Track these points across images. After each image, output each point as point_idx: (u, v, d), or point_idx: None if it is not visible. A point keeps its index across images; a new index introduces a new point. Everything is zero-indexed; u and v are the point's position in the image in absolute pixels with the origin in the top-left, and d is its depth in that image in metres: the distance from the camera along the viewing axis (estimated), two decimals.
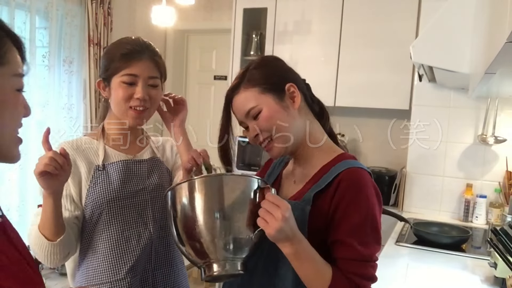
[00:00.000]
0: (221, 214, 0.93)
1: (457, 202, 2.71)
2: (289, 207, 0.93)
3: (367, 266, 1.00)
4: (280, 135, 1.07)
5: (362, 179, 1.03)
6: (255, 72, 1.10)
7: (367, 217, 1.01)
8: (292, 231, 0.94)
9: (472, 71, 1.79)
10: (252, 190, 0.96)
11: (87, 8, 3.19)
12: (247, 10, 3.42)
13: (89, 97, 3.27)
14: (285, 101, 1.08)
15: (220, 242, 0.93)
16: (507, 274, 1.56)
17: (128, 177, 1.31)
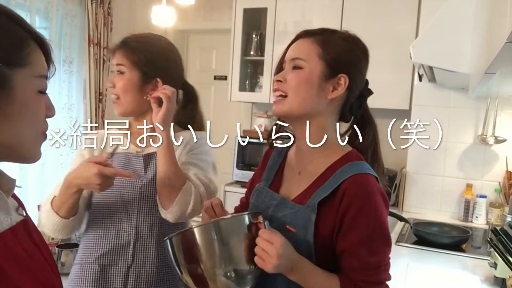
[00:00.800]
0: (221, 257, 0.94)
1: (457, 202, 2.71)
2: (283, 243, 0.92)
3: (378, 272, 0.99)
4: (293, 100, 1.01)
5: (368, 187, 0.99)
6: (336, 40, 1.04)
7: (376, 226, 0.98)
8: (291, 262, 0.94)
9: (472, 71, 1.79)
10: (245, 227, 0.96)
11: (87, 8, 3.19)
12: (247, 10, 3.42)
13: (89, 97, 3.27)
14: (327, 83, 1.01)
15: (224, 281, 0.95)
16: (507, 274, 1.56)
17: (125, 169, 1.31)
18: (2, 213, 0.67)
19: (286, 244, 0.93)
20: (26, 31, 0.67)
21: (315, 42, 1.02)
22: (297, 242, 0.98)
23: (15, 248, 0.65)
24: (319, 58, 1.01)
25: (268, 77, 3.33)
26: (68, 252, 1.85)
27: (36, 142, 0.70)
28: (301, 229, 0.99)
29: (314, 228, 0.98)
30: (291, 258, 0.94)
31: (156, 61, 1.31)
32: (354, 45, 1.07)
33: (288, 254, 0.93)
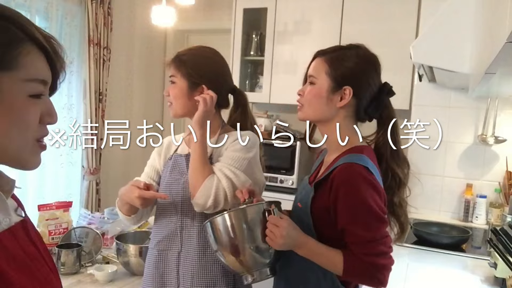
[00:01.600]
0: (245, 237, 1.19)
1: (457, 202, 2.72)
2: (286, 226, 1.14)
3: (374, 245, 1.13)
4: (308, 110, 1.25)
5: (352, 175, 1.15)
6: (340, 56, 1.23)
7: (359, 207, 1.14)
8: (296, 241, 1.16)
9: (472, 71, 1.79)
10: (261, 213, 1.20)
11: (87, 8, 3.19)
12: (247, 10, 3.42)
13: (89, 97, 3.27)
14: (334, 95, 1.22)
15: (248, 257, 1.21)
16: (507, 274, 1.56)
17: (173, 169, 1.54)
18: (1, 214, 0.66)
19: (290, 226, 1.15)
20: (23, 32, 0.65)
21: (325, 61, 1.24)
22: (301, 215, 1.24)
23: (14, 249, 0.65)
24: (326, 75, 1.23)
25: (268, 77, 3.33)
26: (68, 252, 1.85)
27: (29, 148, 0.67)
28: (304, 205, 1.24)
29: (311, 203, 1.22)
30: (296, 238, 1.16)
31: (201, 71, 1.50)
32: (360, 59, 1.25)
33: (293, 235, 1.15)
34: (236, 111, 1.59)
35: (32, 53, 0.66)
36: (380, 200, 1.17)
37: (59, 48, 0.71)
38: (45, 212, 2.08)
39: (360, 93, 1.22)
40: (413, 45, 1.92)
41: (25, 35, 0.65)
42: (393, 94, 1.29)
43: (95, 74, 3.28)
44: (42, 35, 0.68)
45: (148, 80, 4.06)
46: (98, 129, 3.35)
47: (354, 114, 1.26)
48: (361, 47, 1.27)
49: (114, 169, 3.70)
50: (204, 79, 1.48)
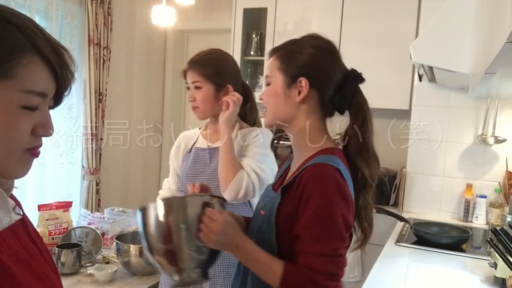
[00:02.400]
0: (177, 230, 1.06)
1: (457, 202, 2.71)
2: (223, 222, 1.04)
3: (324, 261, 1.00)
4: (270, 112, 1.16)
5: (322, 175, 1.04)
6: (292, 49, 1.15)
7: (321, 211, 1.01)
8: (231, 240, 1.05)
9: (472, 71, 1.79)
10: (200, 207, 1.07)
11: (87, 8, 3.19)
12: (247, 10, 3.42)
13: (89, 97, 3.26)
14: (290, 90, 1.12)
15: (178, 255, 1.07)
16: (507, 274, 1.56)
17: (195, 161, 1.64)
18: (2, 212, 0.67)
19: (228, 223, 1.05)
20: (28, 40, 0.63)
21: (277, 58, 1.15)
22: (264, 223, 1.11)
23: (15, 246, 0.65)
24: (279, 71, 1.14)
25: None
26: (68, 252, 1.85)
27: (14, 158, 0.65)
28: (268, 212, 1.12)
29: (277, 212, 1.09)
30: (232, 237, 1.05)
31: (224, 73, 1.61)
32: (312, 48, 1.15)
33: (229, 233, 1.05)
34: (246, 105, 1.68)
35: (33, 63, 0.63)
36: (348, 212, 1.05)
37: (69, 60, 0.68)
38: (45, 212, 2.07)
39: (318, 83, 1.12)
40: (413, 45, 1.92)
41: (30, 44, 0.63)
42: (362, 81, 1.17)
43: (95, 74, 3.28)
44: (52, 45, 0.65)
45: (148, 80, 4.06)
46: (98, 129, 3.36)
47: (319, 108, 1.14)
48: (314, 36, 1.18)
49: (114, 169, 3.70)
50: (228, 80, 1.60)
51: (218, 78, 1.60)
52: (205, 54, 1.64)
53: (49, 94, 0.67)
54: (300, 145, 1.16)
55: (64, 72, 0.67)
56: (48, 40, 0.66)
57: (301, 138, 1.15)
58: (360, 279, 2.84)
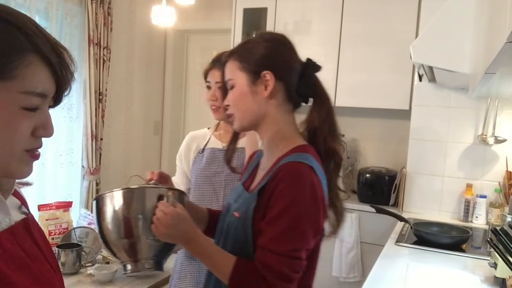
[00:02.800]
0: (132, 221, 1.07)
1: (457, 202, 2.71)
2: (175, 215, 1.03)
3: (279, 260, 0.99)
4: (239, 115, 1.13)
5: (295, 173, 1.03)
6: (249, 48, 1.13)
7: (288, 210, 1.00)
8: (183, 234, 1.05)
9: (472, 71, 1.79)
10: (155, 199, 1.08)
11: (87, 8, 3.19)
12: (247, 10, 3.42)
13: (89, 97, 3.27)
14: (256, 86, 1.11)
15: (131, 245, 1.08)
16: (507, 274, 1.56)
17: (212, 161, 1.65)
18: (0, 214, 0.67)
19: (180, 217, 1.04)
20: (29, 41, 0.62)
21: (234, 59, 1.14)
22: (239, 226, 1.08)
23: (13, 249, 0.65)
24: (241, 71, 1.12)
25: None
26: (68, 252, 1.84)
27: (15, 158, 0.65)
28: (243, 215, 1.08)
29: (253, 214, 1.06)
30: (184, 231, 1.05)
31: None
32: (267, 41, 1.14)
33: (181, 226, 1.04)
34: None
35: (33, 64, 0.63)
36: (318, 215, 1.03)
37: (69, 60, 0.67)
38: (45, 212, 2.08)
39: (282, 74, 1.11)
40: (413, 45, 1.92)
41: (30, 44, 0.63)
42: (319, 69, 1.17)
43: (95, 74, 3.28)
44: (52, 45, 0.65)
45: (148, 80, 4.06)
46: (98, 129, 3.36)
47: (286, 99, 1.13)
48: (266, 32, 1.19)
49: (114, 169, 3.70)
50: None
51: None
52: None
53: (49, 95, 0.66)
54: (271, 143, 1.15)
55: (64, 72, 0.67)
56: (48, 40, 0.65)
57: (272, 136, 1.14)
58: (360, 279, 2.84)
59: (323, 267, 2.96)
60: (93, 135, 3.32)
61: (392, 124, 3.30)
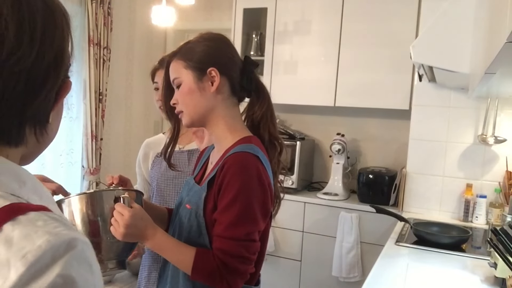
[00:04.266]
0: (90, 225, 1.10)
1: (457, 202, 2.71)
2: (131, 214, 1.07)
3: (235, 244, 1.06)
4: (189, 111, 1.18)
5: (242, 162, 1.09)
6: (191, 47, 1.19)
7: (239, 197, 1.06)
8: (141, 232, 1.09)
9: (472, 71, 1.79)
10: (112, 201, 1.12)
11: (87, 8, 3.19)
12: (247, 10, 3.42)
13: (89, 97, 3.27)
14: (203, 82, 1.16)
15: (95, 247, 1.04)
16: (507, 274, 1.56)
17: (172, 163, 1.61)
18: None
19: (136, 216, 1.08)
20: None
21: (178, 59, 1.19)
22: (191, 217, 1.15)
23: None
24: (186, 69, 1.17)
25: (268, 77, 3.33)
26: None
27: None
28: (194, 205, 1.15)
29: (204, 204, 1.13)
30: (141, 228, 1.09)
31: None
32: (207, 39, 1.20)
33: (138, 225, 1.08)
34: None
35: None
36: (266, 198, 1.11)
37: None
38: None
39: (226, 69, 1.18)
40: (413, 45, 1.92)
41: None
42: (256, 65, 1.25)
43: (95, 74, 3.28)
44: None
45: (148, 80, 4.04)
46: (98, 129, 3.36)
47: (231, 93, 1.20)
48: (204, 33, 1.23)
49: (114, 169, 3.70)
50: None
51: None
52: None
53: None
54: (219, 136, 1.20)
55: None
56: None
57: (220, 129, 1.19)
58: (360, 279, 2.84)
59: (323, 267, 2.96)
60: (93, 135, 3.33)
61: (392, 124, 3.30)
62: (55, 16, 0.60)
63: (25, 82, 0.56)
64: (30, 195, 0.56)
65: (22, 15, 0.55)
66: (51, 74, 0.59)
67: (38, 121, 0.60)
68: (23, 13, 0.55)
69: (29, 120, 0.59)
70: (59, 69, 0.60)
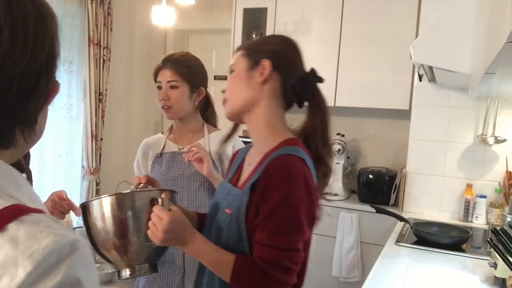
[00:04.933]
0: (124, 227, 1.05)
1: (457, 202, 2.71)
2: (171, 220, 1.02)
3: (278, 254, 1.00)
4: (231, 97, 1.14)
5: (288, 166, 1.03)
6: (257, 40, 1.21)
7: (284, 203, 1.00)
8: (180, 237, 1.04)
9: (472, 71, 1.79)
10: (148, 202, 1.06)
11: (87, 8, 3.19)
12: (247, 10, 3.42)
13: (89, 97, 3.27)
14: (253, 71, 1.13)
15: (125, 251, 1.06)
16: (507, 274, 1.56)
17: (172, 164, 1.63)
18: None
19: (176, 220, 1.03)
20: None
21: (241, 48, 1.18)
22: (232, 223, 1.08)
23: None
24: (242, 56, 1.16)
25: None
26: None
27: None
28: (235, 211, 1.08)
29: (247, 209, 1.06)
30: (180, 233, 1.04)
31: (197, 74, 1.65)
32: (279, 40, 1.18)
33: (176, 229, 1.03)
34: (207, 111, 1.75)
35: None
36: (312, 205, 1.05)
37: None
38: None
39: (281, 66, 1.13)
40: (413, 45, 1.92)
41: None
42: (322, 81, 1.18)
43: (95, 74, 3.28)
44: None
45: (148, 80, 4.05)
46: (98, 129, 3.36)
47: (280, 93, 1.14)
48: (279, 34, 1.21)
49: (114, 169, 3.70)
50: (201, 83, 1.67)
51: (193, 79, 1.63)
52: (180, 55, 1.67)
53: None
54: (259, 136, 1.15)
55: None
56: None
57: (261, 127, 1.14)
58: (360, 279, 2.84)
59: (323, 267, 2.96)
60: (93, 135, 3.32)
61: (392, 124, 3.30)
62: (46, 19, 0.60)
63: (19, 85, 0.56)
64: (26, 199, 0.57)
65: (15, 18, 0.55)
66: (43, 76, 0.60)
67: (27, 122, 0.60)
68: (16, 16, 0.55)
69: (20, 122, 0.59)
70: (50, 71, 0.61)
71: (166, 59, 1.65)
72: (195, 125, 1.71)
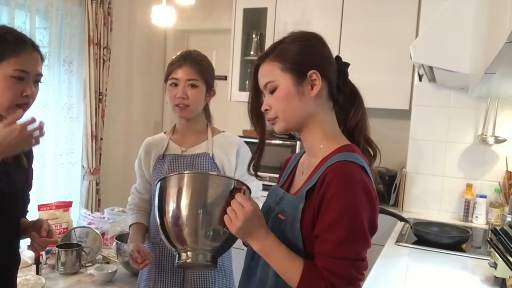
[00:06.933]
0: (199, 208, 1.02)
1: (457, 202, 2.71)
2: (253, 208, 1.00)
3: (346, 265, 0.97)
4: (286, 117, 1.08)
5: (347, 173, 0.99)
6: (286, 47, 1.10)
7: (346, 213, 0.97)
8: (255, 231, 1.01)
9: (472, 71, 1.79)
10: (228, 190, 1.04)
11: (87, 8, 3.19)
12: (247, 10, 3.42)
13: (89, 97, 3.27)
14: (303, 86, 1.06)
15: (193, 233, 1.02)
16: (507, 274, 1.56)
17: (174, 167, 1.61)
18: None
19: (255, 212, 1.00)
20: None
21: (272, 61, 1.09)
22: (286, 229, 1.05)
23: None
24: (282, 72, 1.07)
25: None
26: (68, 252, 1.84)
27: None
28: (290, 217, 1.05)
29: (302, 216, 1.02)
30: (256, 227, 1.01)
31: (212, 74, 1.63)
32: (304, 39, 1.12)
33: (255, 222, 1.00)
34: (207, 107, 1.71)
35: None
36: (374, 214, 1.02)
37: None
38: (45, 212, 2.08)
39: (326, 71, 1.08)
40: (413, 45, 1.92)
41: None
42: (348, 65, 1.16)
43: (95, 74, 3.28)
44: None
45: (148, 80, 4.06)
46: (98, 129, 3.36)
47: (328, 97, 1.10)
48: (295, 31, 1.15)
49: (114, 169, 3.70)
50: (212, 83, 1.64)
51: (210, 78, 1.61)
52: (198, 53, 1.63)
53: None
54: (314, 143, 1.10)
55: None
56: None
57: (316, 136, 1.10)
58: None
59: None
60: (93, 135, 3.32)
61: (392, 124, 3.30)
62: None
63: None
64: None
65: None
66: None
67: None
68: None
69: None
70: None
71: (184, 56, 1.59)
72: (200, 126, 1.67)
